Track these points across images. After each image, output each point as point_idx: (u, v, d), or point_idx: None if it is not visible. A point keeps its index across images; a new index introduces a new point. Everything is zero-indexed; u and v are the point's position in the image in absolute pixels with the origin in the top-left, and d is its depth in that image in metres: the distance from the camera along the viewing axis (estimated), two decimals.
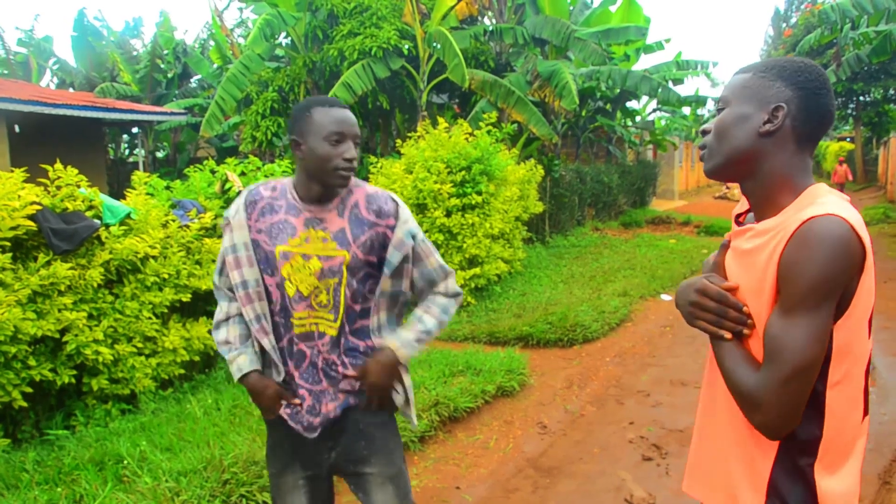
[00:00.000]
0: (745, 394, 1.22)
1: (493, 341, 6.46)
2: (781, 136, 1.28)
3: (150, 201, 4.85)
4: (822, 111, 1.28)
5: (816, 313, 1.16)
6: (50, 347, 3.99)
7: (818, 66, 1.30)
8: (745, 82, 1.32)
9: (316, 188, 1.91)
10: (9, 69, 19.85)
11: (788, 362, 1.17)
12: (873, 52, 13.55)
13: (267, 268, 1.94)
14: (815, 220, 1.17)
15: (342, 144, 1.86)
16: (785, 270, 1.19)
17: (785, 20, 45.03)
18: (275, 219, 1.94)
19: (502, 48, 14.41)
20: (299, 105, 1.94)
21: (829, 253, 1.14)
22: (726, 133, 1.32)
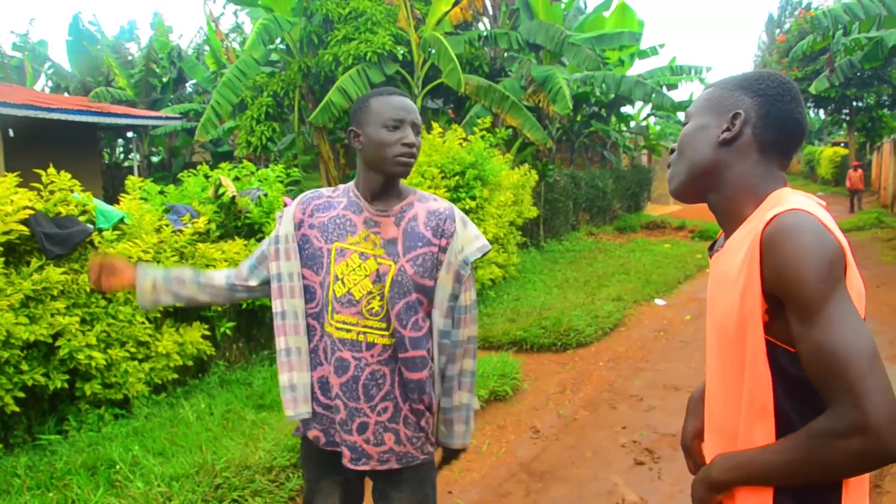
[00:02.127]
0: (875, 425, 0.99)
1: (486, 346, 6.47)
2: (742, 144, 1.24)
3: (144, 206, 4.85)
4: (785, 117, 1.23)
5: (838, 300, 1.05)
6: (43, 352, 3.99)
7: (785, 77, 1.27)
8: (708, 95, 1.31)
9: (377, 179, 1.85)
10: (3, 73, 19.82)
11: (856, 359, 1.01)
12: (865, 58, 13.63)
13: (313, 265, 1.87)
14: (781, 216, 1.10)
15: (400, 130, 1.81)
16: (779, 280, 1.09)
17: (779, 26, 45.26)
18: (331, 214, 1.89)
19: (497, 53, 14.45)
20: (360, 98, 1.91)
21: (812, 242, 1.06)
22: (686, 147, 1.30)
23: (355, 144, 1.88)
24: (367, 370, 1.82)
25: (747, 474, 1.15)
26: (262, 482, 3.35)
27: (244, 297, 2.03)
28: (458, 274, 1.86)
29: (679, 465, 3.94)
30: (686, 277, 10.03)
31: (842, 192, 22.36)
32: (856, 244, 12.83)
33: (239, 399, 4.56)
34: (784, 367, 1.12)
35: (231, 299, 2.05)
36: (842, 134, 32.66)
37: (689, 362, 5.95)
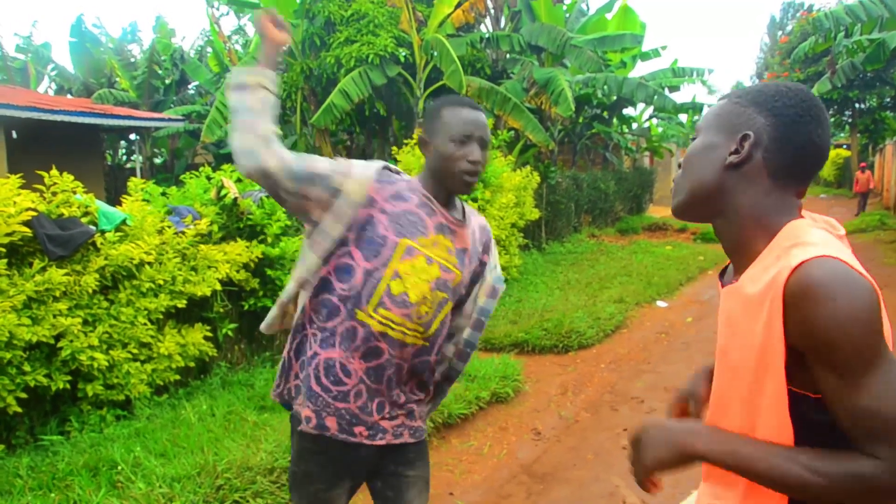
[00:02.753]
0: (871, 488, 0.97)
1: (488, 348, 6.48)
2: (751, 169, 1.11)
3: (146, 207, 4.86)
4: (803, 141, 1.09)
5: (885, 360, 0.98)
6: (45, 353, 4.00)
7: (808, 93, 1.12)
8: (719, 109, 1.18)
9: (439, 189, 1.83)
10: (7, 75, 19.88)
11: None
12: (867, 60, 13.62)
13: (368, 249, 1.75)
14: (807, 266, 0.99)
15: (467, 146, 1.78)
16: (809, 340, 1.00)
17: (781, 28, 45.24)
18: (405, 207, 1.79)
19: (499, 55, 14.47)
20: (432, 104, 1.88)
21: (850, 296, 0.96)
22: (691, 164, 1.18)
23: (423, 152, 1.86)
24: (396, 364, 1.83)
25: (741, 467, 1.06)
26: (264, 483, 3.35)
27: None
28: (493, 289, 1.95)
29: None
30: (688, 279, 10.02)
31: (845, 193, 22.34)
32: (858, 246, 12.78)
33: (241, 400, 4.56)
34: (805, 414, 1.06)
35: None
36: (844, 136, 32.64)
37: (691, 364, 5.95)
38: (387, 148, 14.30)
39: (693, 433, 1.11)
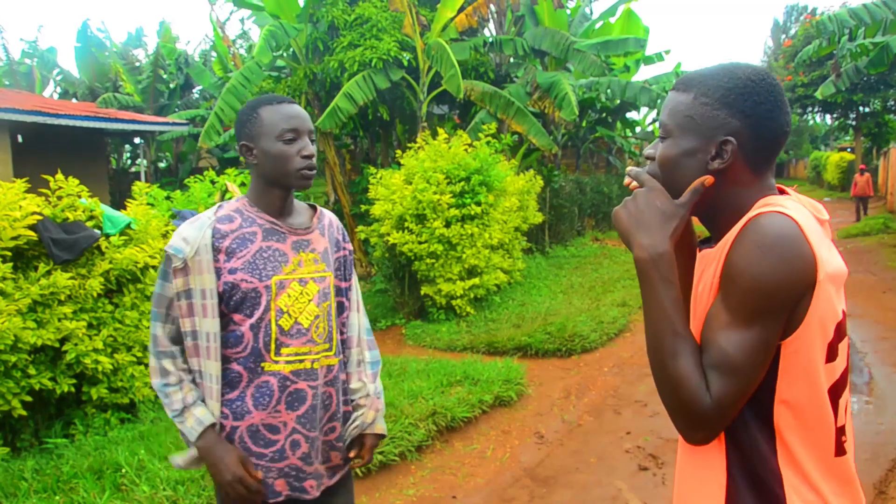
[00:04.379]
0: (695, 411, 1.08)
1: (491, 351, 6.48)
2: (734, 169, 1.15)
3: (151, 211, 4.89)
4: (777, 132, 1.15)
5: (765, 324, 1.05)
6: (50, 356, 4.02)
7: (766, 77, 1.15)
8: (686, 109, 1.17)
9: (277, 194, 1.76)
10: (13, 80, 19.99)
11: (741, 382, 1.06)
12: (871, 64, 13.60)
13: (246, 308, 1.71)
14: (759, 216, 1.06)
15: (298, 142, 1.71)
16: (729, 271, 1.08)
17: (784, 31, 45.22)
18: (253, 249, 1.72)
19: (502, 59, 14.49)
20: (243, 108, 1.78)
21: (776, 251, 1.03)
22: (672, 169, 1.19)
23: (249, 159, 1.76)
24: (321, 397, 1.79)
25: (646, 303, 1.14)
26: None
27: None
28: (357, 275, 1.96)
29: None
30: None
31: (848, 196, 22.28)
32: (862, 250, 12.78)
33: None
34: None
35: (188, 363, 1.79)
36: (848, 139, 32.59)
37: None
38: (390, 152, 14.33)
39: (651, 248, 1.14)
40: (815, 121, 42.20)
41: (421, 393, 4.75)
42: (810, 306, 1.06)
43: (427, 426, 4.32)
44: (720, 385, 1.07)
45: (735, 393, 1.07)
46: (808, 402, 1.10)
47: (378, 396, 1.95)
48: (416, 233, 7.57)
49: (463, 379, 5.18)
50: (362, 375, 1.94)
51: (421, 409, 4.45)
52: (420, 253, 7.53)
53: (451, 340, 6.83)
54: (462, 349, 6.60)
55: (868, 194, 18.52)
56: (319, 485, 1.82)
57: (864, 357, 6.21)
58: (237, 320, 1.72)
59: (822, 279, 1.05)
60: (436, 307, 7.77)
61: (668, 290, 1.12)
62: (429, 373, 5.31)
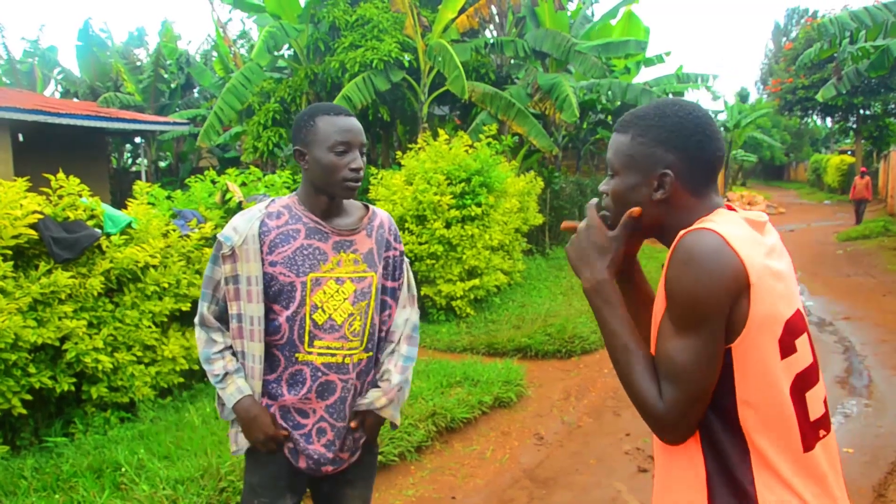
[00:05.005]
0: (654, 416, 1.20)
1: (491, 352, 6.48)
2: (675, 196, 1.27)
3: (151, 211, 4.89)
4: (709, 158, 1.27)
5: (703, 331, 1.15)
6: (50, 355, 4.02)
7: (693, 111, 1.28)
8: (626, 148, 1.31)
9: (324, 200, 1.85)
10: (14, 79, 20.00)
11: (690, 386, 1.16)
12: (871, 67, 13.60)
13: (283, 300, 1.84)
14: (684, 236, 1.18)
15: (348, 154, 1.79)
16: (668, 288, 1.20)
17: (785, 34, 45.24)
18: (294, 246, 1.84)
19: (503, 61, 14.50)
20: (302, 113, 1.86)
21: (697, 266, 1.14)
22: (623, 202, 1.31)
23: (301, 164, 1.85)
24: (352, 390, 1.92)
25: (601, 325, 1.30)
26: None
27: None
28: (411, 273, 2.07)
29: None
30: None
31: (848, 199, 22.27)
32: (862, 252, 12.79)
33: None
34: None
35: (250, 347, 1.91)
36: (849, 142, 32.59)
37: None
38: (391, 152, 14.34)
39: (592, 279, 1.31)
40: (815, 124, 42.24)
41: (421, 394, 4.75)
42: (750, 308, 1.14)
43: (427, 427, 4.32)
44: (670, 390, 1.18)
45: (685, 397, 1.17)
46: (768, 400, 1.18)
47: (399, 388, 1.98)
48: (416, 233, 7.57)
49: (463, 380, 5.18)
50: (392, 363, 1.99)
51: (421, 409, 4.45)
52: (420, 254, 7.54)
53: (450, 341, 6.84)
54: (462, 350, 6.60)
55: (866, 198, 18.23)
56: (338, 467, 1.95)
57: (863, 360, 6.21)
58: (276, 311, 1.85)
59: (755, 281, 1.14)
60: (436, 308, 7.77)
61: (613, 312, 1.28)
62: (428, 373, 5.31)
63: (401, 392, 2.00)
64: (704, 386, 1.17)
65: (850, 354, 6.42)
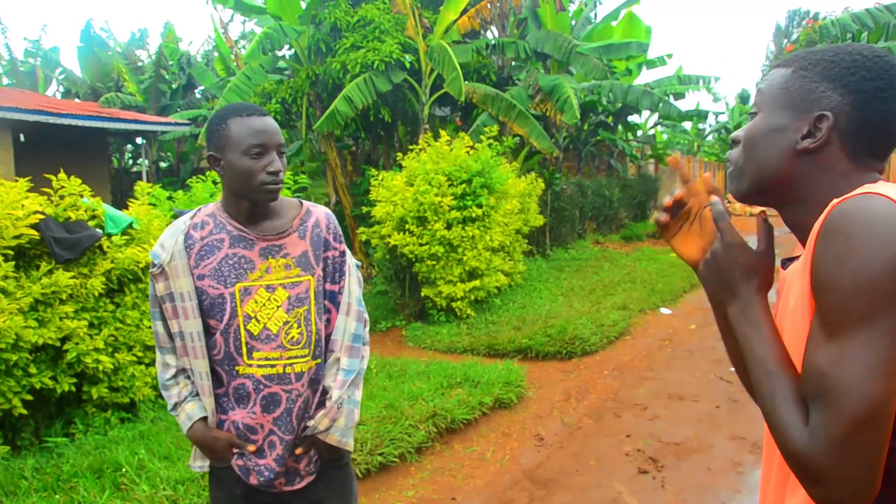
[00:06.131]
0: (796, 457, 0.87)
1: (491, 353, 6.48)
2: (828, 153, 0.98)
3: (153, 211, 4.90)
4: (886, 119, 0.97)
5: (872, 329, 0.82)
6: (51, 355, 4.02)
7: (884, 55, 0.98)
8: (782, 82, 1.03)
9: (245, 205, 1.76)
10: (15, 79, 20.02)
11: (847, 407, 0.82)
12: None
13: (216, 314, 1.76)
14: (841, 204, 0.88)
15: (265, 157, 1.69)
16: (816, 276, 0.88)
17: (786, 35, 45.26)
18: (219, 257, 1.76)
19: (504, 62, 14.49)
20: (213, 116, 1.75)
21: (868, 238, 0.83)
22: (755, 148, 1.04)
23: (216, 170, 1.76)
24: (300, 400, 1.82)
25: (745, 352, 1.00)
26: None
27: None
28: (359, 278, 1.93)
29: (682, 474, 3.94)
30: (692, 286, 10.01)
31: None
32: None
33: None
34: None
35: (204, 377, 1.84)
36: None
37: (694, 371, 5.94)
38: (392, 153, 14.35)
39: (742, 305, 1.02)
40: None
41: (421, 394, 4.75)
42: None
43: (427, 428, 4.32)
44: (819, 417, 0.85)
45: (843, 425, 0.82)
46: None
47: (339, 405, 1.83)
48: (417, 234, 7.58)
49: (463, 381, 5.18)
50: (331, 378, 1.87)
51: (421, 410, 4.45)
52: (421, 255, 7.54)
53: (451, 342, 6.83)
54: (462, 351, 6.60)
55: None
56: (292, 481, 1.86)
57: None
58: (212, 325, 1.78)
59: None
60: (436, 309, 7.77)
61: (760, 336, 0.97)
62: (429, 374, 5.32)
63: (343, 409, 1.84)
64: (877, 410, 0.82)
65: None
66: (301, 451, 1.84)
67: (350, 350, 1.88)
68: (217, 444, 1.81)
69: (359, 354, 1.90)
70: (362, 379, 1.92)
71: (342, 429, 1.84)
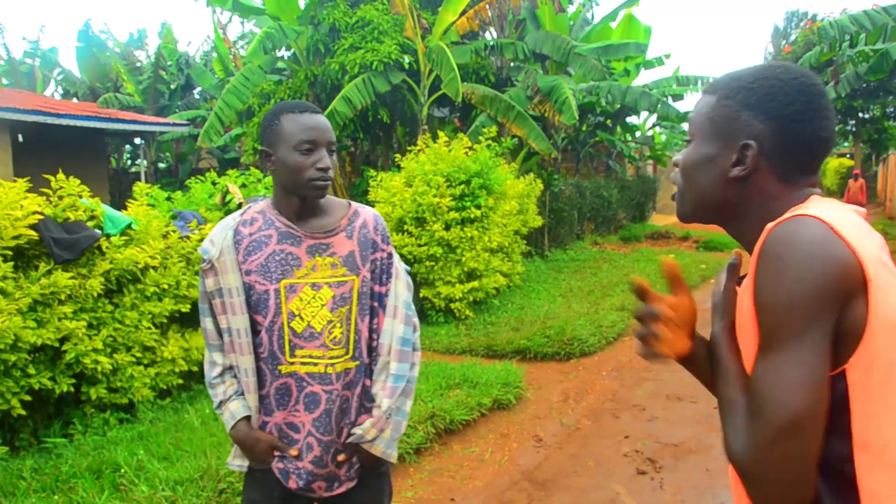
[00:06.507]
0: (736, 463, 0.94)
1: (490, 354, 6.48)
2: (758, 178, 1.03)
3: (151, 212, 4.90)
4: (808, 139, 1.02)
5: (798, 346, 0.88)
6: (49, 356, 4.02)
7: (800, 76, 1.03)
8: (708, 111, 1.08)
9: (295, 202, 1.77)
10: (14, 79, 20.01)
11: (771, 417, 0.89)
12: (870, 70, 13.65)
13: (262, 310, 1.77)
14: (779, 225, 0.93)
15: (314, 153, 1.71)
16: (756, 295, 0.94)
17: (784, 37, 45.32)
18: (266, 253, 1.77)
19: (503, 63, 14.51)
20: (267, 113, 1.78)
21: (795, 260, 0.89)
22: (692, 176, 1.10)
23: (268, 166, 1.78)
24: (338, 401, 1.80)
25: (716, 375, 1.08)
26: None
27: None
28: (408, 282, 1.91)
29: (681, 474, 3.95)
30: (690, 287, 10.01)
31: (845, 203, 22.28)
32: None
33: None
34: None
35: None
36: (847, 145, 32.64)
37: None
38: (390, 154, 14.35)
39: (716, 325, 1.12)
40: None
41: (419, 395, 4.76)
42: (869, 311, 0.89)
43: (426, 429, 4.33)
44: (753, 427, 0.91)
45: (768, 432, 0.89)
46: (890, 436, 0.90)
47: (388, 415, 1.81)
48: (415, 235, 7.58)
49: (461, 382, 5.19)
50: (382, 386, 1.84)
51: (419, 411, 4.45)
52: (419, 255, 7.54)
53: (449, 343, 6.84)
54: (461, 352, 6.60)
55: (861, 201, 17.40)
56: (331, 486, 1.84)
57: None
58: (258, 321, 1.78)
59: (873, 277, 0.89)
60: (435, 310, 7.77)
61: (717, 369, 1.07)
62: (427, 375, 5.32)
63: (391, 421, 1.82)
64: (798, 420, 0.88)
65: None
66: (343, 459, 1.82)
67: (399, 354, 1.85)
68: (258, 445, 1.81)
69: (409, 360, 1.87)
70: (413, 388, 1.90)
71: (387, 440, 1.83)
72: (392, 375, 1.83)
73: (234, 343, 1.80)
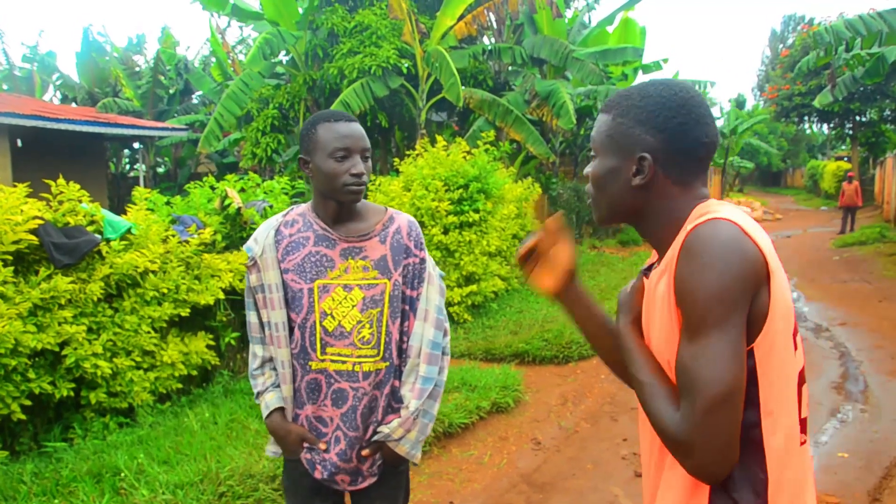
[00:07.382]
0: (670, 438, 1.06)
1: (488, 358, 6.50)
2: (657, 184, 1.19)
3: (151, 216, 4.91)
4: (694, 144, 1.17)
5: (723, 330, 1.03)
6: (49, 360, 4.03)
7: (680, 91, 1.19)
8: (607, 129, 1.23)
9: (332, 206, 1.87)
10: (13, 84, 20.02)
11: (705, 391, 1.02)
12: (867, 74, 13.70)
13: (296, 307, 1.87)
14: (698, 227, 1.08)
15: (349, 160, 1.80)
16: (679, 289, 1.08)
17: (782, 41, 45.43)
18: (303, 253, 1.87)
19: (501, 67, 14.56)
20: (306, 122, 1.88)
21: (718, 258, 1.03)
22: (601, 187, 1.26)
23: (305, 172, 1.88)
24: (365, 399, 1.87)
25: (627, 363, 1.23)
26: (266, 491, 3.38)
27: None
28: (440, 287, 1.97)
29: None
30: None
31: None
32: (858, 259, 12.83)
33: (242, 408, 4.59)
34: None
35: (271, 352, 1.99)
36: (845, 148, 32.71)
37: None
38: (389, 158, 14.38)
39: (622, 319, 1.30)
40: (812, 130, 42.39)
41: None
42: (770, 299, 1.06)
43: None
44: (686, 402, 1.05)
45: (704, 405, 1.02)
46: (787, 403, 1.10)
47: (416, 416, 1.88)
48: None
49: (460, 385, 5.20)
50: (410, 388, 1.91)
51: None
52: None
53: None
54: (459, 356, 6.62)
55: (856, 204, 17.55)
56: (355, 480, 1.93)
57: (859, 366, 6.24)
58: (292, 318, 1.89)
59: (774, 269, 1.07)
60: None
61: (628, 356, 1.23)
62: None
63: (418, 422, 1.89)
64: (729, 392, 1.02)
65: (846, 360, 6.45)
66: (367, 454, 1.89)
67: (429, 357, 1.91)
68: (289, 436, 1.90)
69: (438, 363, 1.94)
70: (441, 392, 1.96)
71: (413, 441, 1.90)
72: (421, 378, 1.90)
73: (273, 336, 1.91)
